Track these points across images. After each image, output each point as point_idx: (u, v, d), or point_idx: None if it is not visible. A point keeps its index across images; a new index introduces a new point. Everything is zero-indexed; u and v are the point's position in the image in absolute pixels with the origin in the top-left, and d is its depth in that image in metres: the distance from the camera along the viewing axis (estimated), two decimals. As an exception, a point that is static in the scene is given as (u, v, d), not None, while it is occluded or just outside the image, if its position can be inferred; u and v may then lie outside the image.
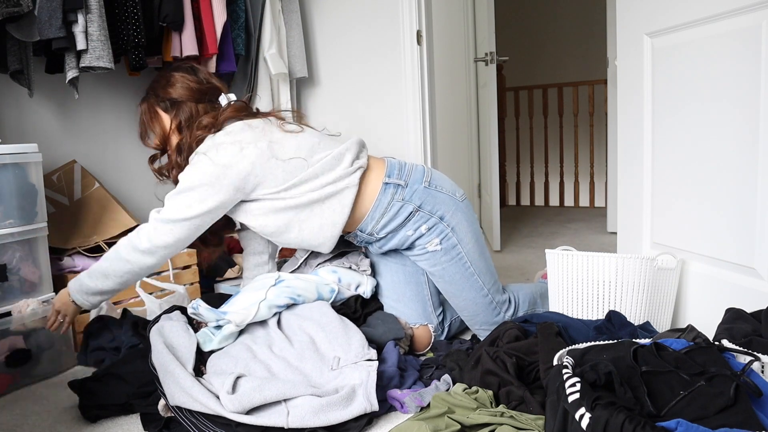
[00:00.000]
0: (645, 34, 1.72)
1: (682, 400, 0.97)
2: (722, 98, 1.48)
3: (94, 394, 1.36)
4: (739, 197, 1.46)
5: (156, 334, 1.43)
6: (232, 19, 2.32)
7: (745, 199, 1.44)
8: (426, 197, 1.58)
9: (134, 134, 2.58)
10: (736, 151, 1.46)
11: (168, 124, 1.65)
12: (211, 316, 1.45)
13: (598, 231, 3.60)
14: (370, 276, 1.73)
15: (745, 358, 1.07)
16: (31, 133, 2.19)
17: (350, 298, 1.66)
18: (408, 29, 2.39)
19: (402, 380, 1.38)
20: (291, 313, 1.53)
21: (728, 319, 1.26)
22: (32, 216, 1.65)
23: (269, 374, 1.32)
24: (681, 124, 1.63)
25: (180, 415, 1.23)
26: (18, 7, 1.72)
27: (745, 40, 1.40)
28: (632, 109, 1.82)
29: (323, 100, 2.70)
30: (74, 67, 1.84)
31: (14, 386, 1.55)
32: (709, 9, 1.49)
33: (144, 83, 2.59)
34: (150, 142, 1.72)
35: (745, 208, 1.44)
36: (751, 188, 1.42)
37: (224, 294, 1.96)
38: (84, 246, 1.94)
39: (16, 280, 1.63)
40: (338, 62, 2.62)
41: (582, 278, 1.59)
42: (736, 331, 1.18)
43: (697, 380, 0.99)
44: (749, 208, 1.43)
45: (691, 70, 1.57)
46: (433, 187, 1.60)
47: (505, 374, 1.26)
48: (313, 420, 1.18)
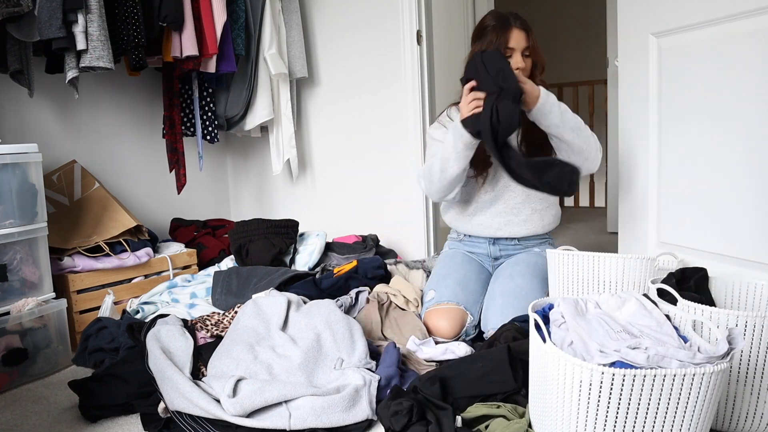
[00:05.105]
0: (651, 34, 1.72)
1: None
2: (736, 97, 1.48)
3: (94, 394, 1.36)
4: (752, 195, 1.47)
5: (152, 339, 1.43)
6: (232, 19, 2.32)
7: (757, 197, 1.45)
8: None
9: (134, 134, 2.59)
10: (749, 149, 1.46)
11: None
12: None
13: (598, 231, 3.60)
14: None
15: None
16: (31, 133, 2.19)
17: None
18: (408, 29, 2.39)
19: (402, 380, 1.38)
20: (299, 312, 1.53)
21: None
22: (32, 216, 1.65)
23: (270, 376, 1.32)
24: (691, 123, 1.63)
25: (180, 420, 1.23)
26: (18, 7, 1.72)
27: (760, 41, 1.40)
28: (636, 110, 1.81)
29: (323, 100, 2.70)
30: (74, 67, 1.84)
31: (11, 385, 1.55)
32: (724, 9, 1.49)
33: (144, 83, 2.60)
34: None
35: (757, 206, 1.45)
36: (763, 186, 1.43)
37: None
38: (84, 246, 1.94)
39: (16, 280, 1.63)
40: (338, 62, 2.62)
41: (583, 278, 1.59)
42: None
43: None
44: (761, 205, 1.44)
45: (701, 69, 1.57)
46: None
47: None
48: (314, 421, 1.18)
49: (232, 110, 2.48)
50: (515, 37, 1.70)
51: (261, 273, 1.95)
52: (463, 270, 1.80)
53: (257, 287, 1.85)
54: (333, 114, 2.69)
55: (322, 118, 2.73)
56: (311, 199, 2.83)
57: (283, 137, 2.61)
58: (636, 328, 1.07)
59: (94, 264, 1.94)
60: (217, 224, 2.63)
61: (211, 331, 1.56)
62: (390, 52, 2.46)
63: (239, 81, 2.46)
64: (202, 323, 1.59)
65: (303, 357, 1.36)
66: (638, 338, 1.02)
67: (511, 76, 1.48)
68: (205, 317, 1.62)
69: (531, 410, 1.14)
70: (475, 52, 1.63)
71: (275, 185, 2.93)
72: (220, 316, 1.62)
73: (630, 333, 1.06)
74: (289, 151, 2.62)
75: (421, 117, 2.43)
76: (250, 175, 3.01)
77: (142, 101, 2.60)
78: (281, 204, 2.93)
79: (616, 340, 1.02)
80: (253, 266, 2.04)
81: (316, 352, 1.39)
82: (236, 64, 2.34)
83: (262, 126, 2.64)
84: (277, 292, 1.70)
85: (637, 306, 1.14)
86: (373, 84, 2.54)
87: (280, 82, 2.54)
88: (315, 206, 2.81)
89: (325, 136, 2.74)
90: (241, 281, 1.93)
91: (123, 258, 2.01)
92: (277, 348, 1.41)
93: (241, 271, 1.99)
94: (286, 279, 1.86)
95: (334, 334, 1.43)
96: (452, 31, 3.43)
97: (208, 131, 2.45)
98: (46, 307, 1.64)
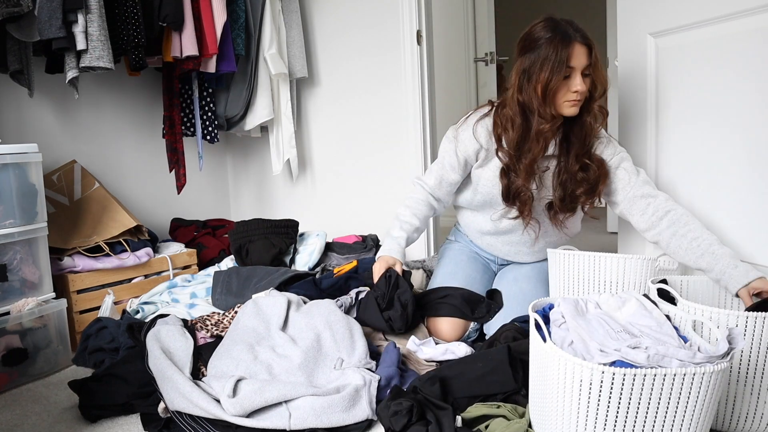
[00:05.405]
0: (648, 34, 1.72)
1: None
2: (735, 97, 1.48)
3: (94, 394, 1.36)
4: (750, 196, 1.47)
5: (152, 339, 1.43)
6: (232, 19, 2.32)
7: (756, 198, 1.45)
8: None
9: (134, 134, 2.59)
10: (748, 149, 1.46)
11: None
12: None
13: (598, 231, 3.60)
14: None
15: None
16: (31, 133, 2.19)
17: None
18: (408, 29, 2.39)
19: (402, 380, 1.37)
20: (299, 312, 1.53)
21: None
22: (32, 216, 1.65)
23: (270, 376, 1.32)
24: (689, 123, 1.63)
25: (180, 419, 1.23)
26: (18, 7, 1.72)
27: (759, 40, 1.40)
28: (634, 109, 1.82)
29: (323, 100, 2.70)
30: (74, 67, 1.84)
31: (11, 385, 1.55)
32: (720, 9, 1.49)
33: (144, 83, 2.60)
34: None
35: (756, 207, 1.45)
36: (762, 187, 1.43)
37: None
38: (84, 246, 1.94)
39: (16, 280, 1.63)
40: (338, 62, 2.62)
41: (583, 278, 1.59)
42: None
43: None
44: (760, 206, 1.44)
45: (699, 69, 1.57)
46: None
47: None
48: (314, 421, 1.18)
49: (232, 110, 2.48)
50: (577, 54, 1.43)
51: (261, 273, 1.95)
52: (469, 270, 1.79)
53: (257, 287, 1.85)
54: (333, 114, 2.69)
55: (322, 118, 2.73)
56: (311, 199, 2.83)
57: (283, 137, 2.61)
58: (636, 328, 1.08)
59: (94, 264, 1.94)
60: (217, 224, 2.62)
61: (211, 331, 1.56)
62: (390, 52, 2.46)
63: (239, 81, 2.46)
64: (202, 323, 1.59)
65: (303, 357, 1.36)
66: (638, 338, 1.02)
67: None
68: (205, 317, 1.62)
69: (531, 410, 1.14)
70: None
71: (275, 185, 2.93)
72: (220, 316, 1.62)
73: (630, 333, 1.06)
74: (289, 151, 2.62)
75: (420, 117, 2.43)
76: (250, 175, 3.01)
77: (142, 101, 2.60)
78: (281, 204, 2.93)
79: (616, 340, 1.02)
80: (253, 266, 2.04)
81: (316, 352, 1.39)
82: (236, 64, 2.34)
83: (262, 126, 2.64)
84: (277, 292, 1.70)
85: (637, 306, 1.14)
86: (373, 84, 2.54)
87: (280, 82, 2.54)
88: (315, 206, 2.81)
89: (325, 136, 2.74)
90: (241, 281, 1.93)
91: (123, 258, 2.01)
92: (277, 348, 1.41)
93: (241, 271, 1.99)
94: (286, 279, 1.86)
95: (334, 334, 1.43)
96: (452, 31, 3.43)
97: (208, 131, 2.45)
98: (46, 307, 1.64)
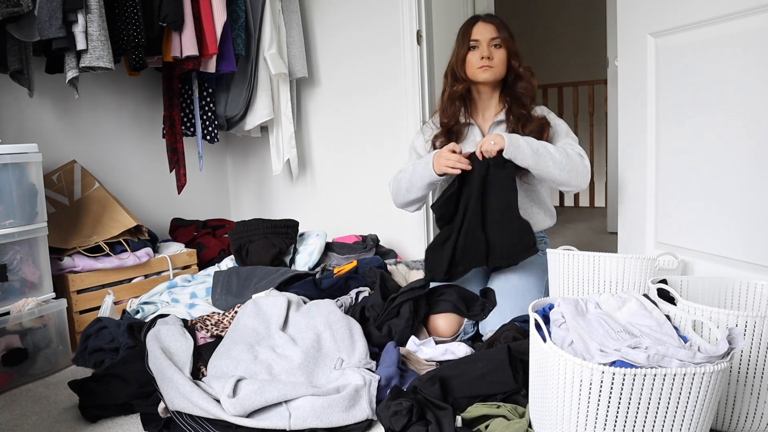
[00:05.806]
0: (648, 34, 1.72)
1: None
2: (734, 97, 1.48)
3: (94, 394, 1.36)
4: (751, 196, 1.47)
5: (152, 339, 1.43)
6: (232, 19, 2.32)
7: (757, 198, 1.45)
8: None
9: (134, 134, 2.59)
10: (747, 149, 1.46)
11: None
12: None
13: (598, 231, 3.60)
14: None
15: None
16: (31, 133, 2.19)
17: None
18: (408, 29, 2.39)
19: (402, 380, 1.37)
20: (299, 312, 1.53)
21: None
22: (32, 216, 1.65)
23: (270, 376, 1.32)
24: (687, 124, 1.63)
25: (180, 419, 1.23)
26: (18, 7, 1.72)
27: (758, 40, 1.40)
28: (634, 110, 1.81)
29: (323, 100, 2.70)
30: (74, 67, 1.84)
31: (11, 385, 1.55)
32: (719, 9, 1.49)
33: (144, 83, 2.60)
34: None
35: (757, 207, 1.45)
36: (763, 187, 1.43)
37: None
38: (84, 246, 1.94)
39: (16, 280, 1.62)
40: (338, 62, 2.62)
41: (583, 278, 1.59)
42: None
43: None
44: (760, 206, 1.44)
45: (698, 69, 1.57)
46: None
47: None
48: (314, 421, 1.18)
49: (232, 110, 2.48)
50: (479, 30, 1.87)
51: (261, 273, 1.95)
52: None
53: (257, 287, 1.85)
54: (333, 114, 2.69)
55: (322, 118, 2.73)
56: (311, 199, 2.83)
57: (283, 137, 2.61)
58: (636, 328, 1.07)
59: (94, 264, 1.94)
60: (217, 224, 2.63)
61: (211, 331, 1.56)
62: (390, 52, 2.46)
63: (239, 81, 2.46)
64: (202, 323, 1.59)
65: (303, 357, 1.36)
66: (638, 338, 1.02)
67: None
68: (205, 317, 1.62)
69: (531, 410, 1.14)
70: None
71: (275, 185, 2.93)
72: (220, 316, 1.62)
73: (630, 333, 1.06)
74: (289, 151, 2.62)
75: (420, 117, 2.43)
76: (250, 175, 3.01)
77: (142, 101, 2.60)
78: (281, 204, 2.93)
79: (616, 340, 1.02)
80: (253, 266, 2.04)
81: (316, 352, 1.39)
82: (236, 64, 2.34)
83: (262, 126, 2.63)
84: (277, 292, 1.70)
85: (637, 306, 1.14)
86: (372, 84, 2.54)
87: (280, 82, 2.54)
88: (315, 206, 2.81)
89: (325, 136, 2.74)
90: (241, 281, 1.93)
91: (123, 258, 2.01)
92: (277, 348, 1.41)
93: (241, 271, 1.99)
94: (286, 279, 1.86)
95: (334, 334, 1.43)
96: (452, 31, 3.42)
97: (208, 131, 2.45)
98: (46, 307, 1.64)
